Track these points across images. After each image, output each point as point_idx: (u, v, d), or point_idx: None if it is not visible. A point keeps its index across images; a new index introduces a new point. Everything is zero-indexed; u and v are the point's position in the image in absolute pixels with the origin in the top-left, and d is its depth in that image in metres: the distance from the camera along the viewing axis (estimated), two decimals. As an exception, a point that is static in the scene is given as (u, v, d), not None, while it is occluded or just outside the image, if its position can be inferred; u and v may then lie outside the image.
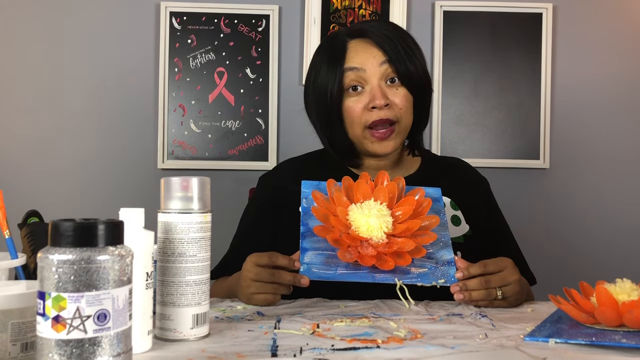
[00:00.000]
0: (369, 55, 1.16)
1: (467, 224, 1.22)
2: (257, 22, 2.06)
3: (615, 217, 2.08)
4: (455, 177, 1.30)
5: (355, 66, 1.16)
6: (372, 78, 1.16)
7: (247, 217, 1.33)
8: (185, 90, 2.04)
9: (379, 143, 1.18)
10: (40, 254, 0.58)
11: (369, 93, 1.16)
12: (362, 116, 1.17)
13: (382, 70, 1.16)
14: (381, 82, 1.17)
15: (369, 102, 1.16)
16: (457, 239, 1.20)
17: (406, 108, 1.18)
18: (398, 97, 1.17)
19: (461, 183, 1.30)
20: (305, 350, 0.74)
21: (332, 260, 1.00)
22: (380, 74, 1.16)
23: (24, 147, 2.03)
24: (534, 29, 2.08)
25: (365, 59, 1.16)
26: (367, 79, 1.17)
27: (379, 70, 1.16)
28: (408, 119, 1.20)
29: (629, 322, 0.80)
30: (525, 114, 2.07)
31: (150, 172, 2.04)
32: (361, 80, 1.17)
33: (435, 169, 1.31)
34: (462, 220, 1.22)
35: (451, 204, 1.23)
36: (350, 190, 1.08)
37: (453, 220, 1.22)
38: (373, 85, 1.16)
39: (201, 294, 0.79)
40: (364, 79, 1.17)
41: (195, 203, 0.80)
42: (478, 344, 0.78)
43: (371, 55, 1.16)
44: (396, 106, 1.17)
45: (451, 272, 1.01)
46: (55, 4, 2.04)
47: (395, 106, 1.17)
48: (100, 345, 0.58)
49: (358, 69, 1.16)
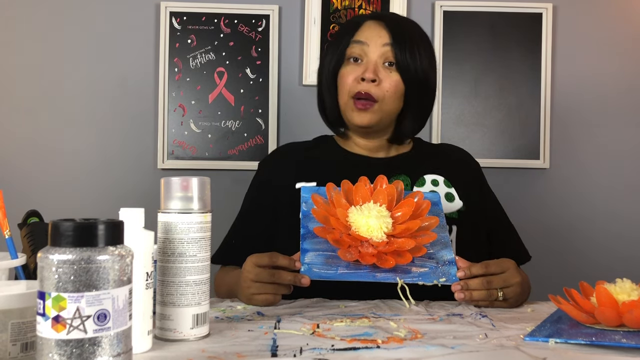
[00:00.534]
0: (375, 33, 1.23)
1: (461, 200, 1.26)
2: (257, 22, 2.06)
3: (616, 217, 2.08)
4: (446, 157, 1.35)
5: (360, 39, 1.23)
6: (372, 54, 1.23)
7: (247, 201, 1.36)
8: (185, 90, 2.04)
9: (357, 113, 1.24)
10: (40, 254, 0.58)
11: (364, 66, 1.23)
12: (351, 86, 1.23)
13: (384, 50, 1.22)
14: (379, 60, 1.23)
15: (361, 73, 1.22)
16: (451, 214, 1.24)
17: (392, 92, 1.23)
18: (388, 79, 1.22)
19: (453, 162, 1.34)
20: (305, 350, 0.74)
21: (332, 260, 1.00)
22: (381, 53, 1.22)
23: (24, 147, 2.03)
24: (534, 29, 2.07)
25: (372, 36, 1.23)
26: (368, 54, 1.23)
27: (381, 49, 1.22)
28: (392, 104, 1.24)
29: (629, 322, 0.80)
30: (525, 114, 2.07)
31: (150, 172, 2.04)
32: (362, 54, 1.24)
33: (427, 150, 1.37)
34: (455, 196, 1.26)
35: (444, 182, 1.27)
36: (349, 194, 1.09)
37: (447, 197, 1.26)
38: (370, 60, 1.23)
39: (201, 294, 0.79)
40: (365, 52, 1.24)
41: (195, 203, 0.80)
42: (478, 344, 0.78)
43: (378, 34, 1.23)
44: (383, 87, 1.22)
45: (452, 271, 1.01)
46: (55, 4, 2.04)
47: (382, 86, 1.22)
48: (100, 345, 0.58)
49: (362, 42, 1.23)
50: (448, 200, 1.26)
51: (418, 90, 1.25)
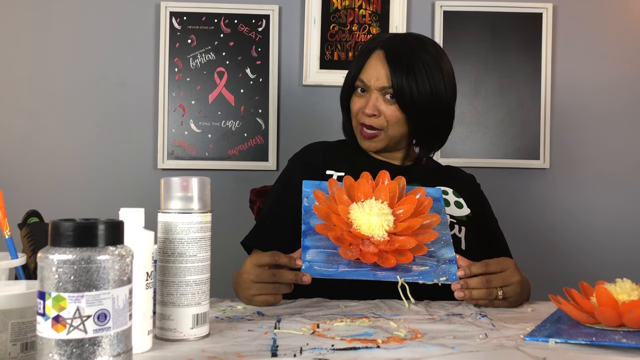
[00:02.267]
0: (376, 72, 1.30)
1: (468, 208, 1.32)
2: (257, 22, 2.06)
3: (615, 217, 2.08)
4: (454, 175, 1.43)
5: (363, 79, 1.33)
6: (373, 91, 1.31)
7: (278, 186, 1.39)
8: (185, 90, 2.04)
9: (365, 141, 1.34)
10: (40, 254, 0.58)
11: (366, 99, 1.32)
12: (357, 115, 1.34)
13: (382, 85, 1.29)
14: (379, 94, 1.30)
15: (364, 106, 1.31)
16: (461, 217, 1.29)
17: (393, 122, 1.30)
18: (389, 111, 1.30)
19: (459, 179, 1.42)
20: (305, 350, 0.74)
21: (333, 258, 1.00)
22: (379, 88, 1.30)
23: (24, 147, 2.03)
24: (534, 29, 2.07)
25: (371, 76, 1.30)
26: (369, 89, 1.32)
27: (379, 85, 1.30)
28: (395, 130, 1.31)
29: (629, 322, 0.80)
30: (525, 114, 2.07)
31: (150, 172, 2.04)
32: (365, 87, 1.33)
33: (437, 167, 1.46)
34: (463, 204, 1.32)
35: (454, 192, 1.33)
36: (351, 190, 1.09)
37: (456, 204, 1.32)
38: (371, 96, 1.31)
39: (201, 294, 0.79)
40: (367, 87, 1.32)
41: (195, 203, 0.80)
42: (478, 344, 0.78)
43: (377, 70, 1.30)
44: (384, 117, 1.30)
45: (452, 270, 1.01)
46: (56, 4, 2.04)
47: (383, 117, 1.30)
48: (100, 345, 0.58)
49: (364, 81, 1.32)
50: (458, 207, 1.32)
51: (419, 114, 1.29)
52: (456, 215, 1.29)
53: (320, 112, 2.04)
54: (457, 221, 1.27)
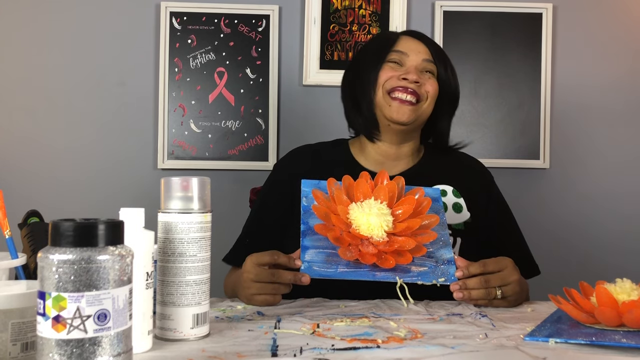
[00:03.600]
0: (414, 47, 1.28)
1: (469, 212, 1.27)
2: (257, 22, 2.06)
3: (615, 217, 2.08)
4: (457, 167, 1.36)
5: (401, 50, 1.27)
6: (412, 62, 1.26)
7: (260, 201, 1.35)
8: (185, 90, 2.04)
9: (397, 106, 1.24)
10: (41, 254, 0.58)
11: (405, 69, 1.26)
12: (389, 81, 1.25)
13: (424, 64, 1.27)
14: (420, 67, 1.26)
15: (403, 73, 1.25)
16: (457, 225, 1.24)
17: (432, 95, 1.27)
18: (429, 83, 1.26)
19: (463, 172, 1.34)
20: (305, 350, 0.74)
21: (332, 259, 1.00)
22: (421, 63, 1.26)
23: (24, 147, 2.03)
24: (534, 29, 2.07)
25: (412, 48, 1.27)
26: (408, 62, 1.26)
27: (421, 62, 1.27)
28: (430, 106, 1.28)
29: (629, 322, 0.80)
30: (525, 114, 2.07)
31: (150, 172, 2.04)
32: (402, 61, 1.27)
33: (438, 161, 1.36)
34: (463, 207, 1.27)
35: (453, 192, 1.28)
36: (350, 189, 1.09)
37: (454, 208, 1.26)
38: (410, 65, 1.26)
39: (201, 293, 0.79)
40: (405, 61, 1.27)
41: (195, 203, 0.80)
42: (478, 344, 0.78)
43: (417, 49, 1.28)
44: (424, 88, 1.26)
45: (451, 270, 1.01)
46: (56, 4, 2.04)
47: (423, 87, 1.25)
48: (100, 345, 0.58)
49: (403, 52, 1.27)
50: (455, 211, 1.26)
51: (449, 103, 1.31)
52: (453, 223, 1.24)
53: (320, 112, 2.04)
54: (453, 231, 1.23)
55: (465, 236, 1.24)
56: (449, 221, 1.23)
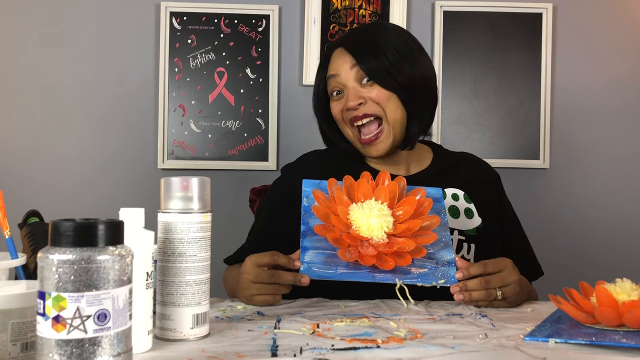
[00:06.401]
0: (341, 61, 1.23)
1: (480, 217, 1.25)
2: (257, 22, 2.06)
3: (615, 217, 2.08)
4: (467, 172, 1.33)
5: (332, 73, 1.24)
6: (347, 82, 1.22)
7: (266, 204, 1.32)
8: (185, 90, 2.04)
9: (368, 147, 1.24)
10: (41, 254, 0.58)
11: (345, 97, 1.22)
12: (344, 116, 1.24)
13: (354, 73, 1.22)
14: (356, 83, 1.22)
15: (344, 105, 1.22)
16: (470, 231, 1.24)
17: (385, 102, 1.20)
18: (373, 92, 1.21)
19: (473, 178, 1.32)
20: (305, 350, 0.74)
21: (332, 260, 1.00)
22: (354, 77, 1.22)
23: (24, 147, 2.03)
24: (534, 29, 2.08)
25: (339, 66, 1.23)
26: (344, 83, 1.23)
27: (351, 73, 1.22)
28: (395, 112, 1.21)
29: (629, 322, 0.80)
30: (525, 114, 2.07)
31: (150, 172, 2.04)
32: (340, 85, 1.24)
33: (448, 164, 1.33)
34: (474, 213, 1.26)
35: (464, 197, 1.26)
36: (351, 190, 1.08)
37: (466, 213, 1.25)
38: (348, 88, 1.22)
39: (201, 293, 0.79)
40: (341, 83, 1.23)
41: (195, 203, 0.80)
42: (478, 344, 0.78)
43: (343, 61, 1.23)
44: (372, 101, 1.20)
45: (451, 272, 1.01)
46: (55, 4, 2.04)
47: (371, 102, 1.20)
48: (100, 345, 0.58)
49: (334, 75, 1.24)
50: (467, 217, 1.24)
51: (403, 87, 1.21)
52: (465, 229, 1.23)
53: (320, 112, 2.04)
54: (466, 237, 1.22)
55: (478, 242, 1.22)
56: (461, 227, 1.23)
